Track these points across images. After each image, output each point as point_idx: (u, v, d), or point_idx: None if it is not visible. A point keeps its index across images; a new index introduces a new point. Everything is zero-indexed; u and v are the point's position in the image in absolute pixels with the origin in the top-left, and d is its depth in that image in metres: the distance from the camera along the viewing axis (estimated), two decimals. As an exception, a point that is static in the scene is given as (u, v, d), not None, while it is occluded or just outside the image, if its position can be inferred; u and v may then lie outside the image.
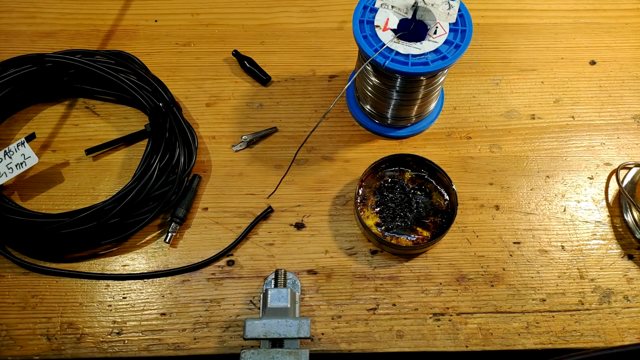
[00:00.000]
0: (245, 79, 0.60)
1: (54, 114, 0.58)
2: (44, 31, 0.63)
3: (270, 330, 0.41)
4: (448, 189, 0.51)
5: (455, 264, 0.50)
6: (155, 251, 0.51)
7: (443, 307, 0.48)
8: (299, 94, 0.59)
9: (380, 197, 0.51)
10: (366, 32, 0.46)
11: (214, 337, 0.46)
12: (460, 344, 0.46)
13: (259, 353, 0.41)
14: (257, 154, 0.56)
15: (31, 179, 0.54)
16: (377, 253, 0.50)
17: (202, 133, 0.57)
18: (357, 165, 0.55)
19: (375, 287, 0.49)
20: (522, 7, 0.66)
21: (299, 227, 0.52)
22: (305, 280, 0.49)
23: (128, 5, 0.65)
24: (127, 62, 0.57)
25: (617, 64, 0.62)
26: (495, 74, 0.61)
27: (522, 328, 0.47)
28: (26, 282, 0.49)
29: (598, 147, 0.56)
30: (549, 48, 0.63)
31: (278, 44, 0.63)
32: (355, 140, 0.56)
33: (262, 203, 0.53)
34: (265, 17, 0.65)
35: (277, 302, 0.43)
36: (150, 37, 0.63)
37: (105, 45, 0.62)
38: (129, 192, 0.49)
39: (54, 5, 0.65)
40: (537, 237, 0.51)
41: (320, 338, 0.46)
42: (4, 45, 0.62)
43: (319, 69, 0.61)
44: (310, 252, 0.50)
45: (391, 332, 0.47)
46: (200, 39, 0.63)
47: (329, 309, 0.48)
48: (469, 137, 0.57)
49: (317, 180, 0.54)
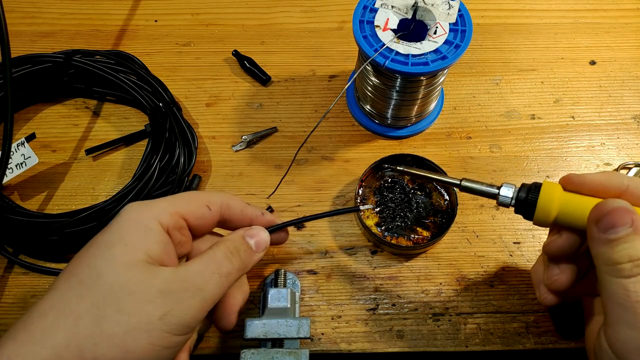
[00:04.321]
0: (245, 79, 0.60)
1: (54, 114, 0.58)
2: (44, 31, 0.63)
3: (270, 331, 0.41)
4: (448, 189, 0.51)
5: (455, 264, 0.50)
6: (155, 251, 0.50)
7: (443, 307, 0.48)
8: (299, 94, 0.59)
9: (380, 197, 0.51)
10: (366, 32, 0.46)
11: (213, 337, 0.46)
12: (460, 344, 0.46)
13: (259, 353, 0.41)
14: (257, 154, 0.56)
15: (31, 179, 0.54)
16: (377, 253, 0.50)
17: (202, 133, 0.57)
18: (357, 165, 0.55)
19: (375, 287, 0.49)
20: (522, 7, 0.66)
21: (299, 227, 0.52)
22: (305, 280, 0.49)
23: (128, 5, 0.65)
24: (127, 62, 0.57)
25: (617, 64, 0.62)
26: (495, 74, 0.61)
27: (522, 328, 0.47)
28: (26, 282, 0.49)
29: (598, 147, 0.56)
30: (549, 48, 0.63)
31: (278, 44, 0.63)
32: (355, 140, 0.56)
33: (262, 203, 0.53)
34: (265, 17, 0.65)
35: (277, 302, 0.43)
36: (150, 37, 0.63)
37: (105, 45, 0.62)
38: (129, 192, 0.49)
39: (54, 5, 0.65)
40: (537, 237, 0.51)
41: (320, 338, 0.46)
42: (4, 45, 0.62)
43: (319, 69, 0.61)
44: (310, 252, 0.50)
45: (391, 332, 0.46)
46: (200, 39, 0.63)
47: (328, 309, 0.48)
48: (469, 137, 0.57)
49: (317, 180, 0.54)
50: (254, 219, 0.39)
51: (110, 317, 0.29)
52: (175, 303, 0.31)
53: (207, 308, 0.33)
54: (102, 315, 0.29)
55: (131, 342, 0.29)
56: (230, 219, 0.38)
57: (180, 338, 0.31)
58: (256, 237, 0.38)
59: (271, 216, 0.40)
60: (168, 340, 0.31)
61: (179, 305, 0.31)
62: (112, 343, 0.29)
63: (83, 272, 0.31)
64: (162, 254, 0.33)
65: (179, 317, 0.31)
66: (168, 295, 0.31)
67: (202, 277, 0.33)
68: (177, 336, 0.31)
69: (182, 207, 0.35)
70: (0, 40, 0.42)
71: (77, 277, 0.31)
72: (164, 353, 0.31)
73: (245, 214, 0.39)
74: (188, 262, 0.34)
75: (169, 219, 0.34)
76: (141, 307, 0.30)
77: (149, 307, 0.30)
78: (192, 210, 0.36)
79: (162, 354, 0.31)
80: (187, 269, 0.33)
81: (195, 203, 0.36)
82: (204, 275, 0.33)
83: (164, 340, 0.30)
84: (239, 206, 0.38)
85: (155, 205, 0.34)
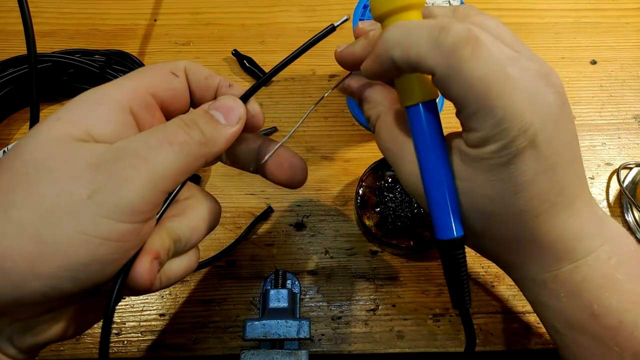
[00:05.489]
0: (245, 78, 0.60)
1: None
2: (43, 31, 0.63)
3: (270, 331, 0.41)
4: (448, 189, 0.50)
5: (456, 264, 0.49)
6: (155, 251, 0.50)
7: (443, 308, 0.48)
8: (299, 93, 0.59)
9: (380, 197, 0.51)
10: (366, 31, 0.46)
11: (213, 337, 0.46)
12: (460, 345, 0.46)
13: (258, 354, 0.40)
14: (257, 154, 0.55)
15: (30, 179, 0.54)
16: (377, 253, 0.50)
17: (201, 133, 0.57)
18: (357, 165, 0.55)
19: (375, 287, 0.48)
20: (522, 7, 0.66)
21: (299, 227, 0.51)
22: (305, 280, 0.49)
23: (127, 4, 0.65)
24: (127, 62, 0.57)
25: (618, 63, 0.62)
26: (496, 73, 0.61)
27: (522, 328, 0.47)
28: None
29: (599, 147, 0.56)
30: (549, 48, 0.63)
31: (278, 43, 0.63)
32: (355, 140, 0.56)
33: (262, 203, 0.53)
34: (265, 16, 0.65)
35: (276, 303, 0.43)
36: (150, 37, 0.63)
37: (104, 45, 0.62)
38: (129, 192, 0.49)
39: (53, 4, 0.65)
40: (538, 238, 0.51)
41: (320, 339, 0.46)
42: (4, 45, 0.62)
43: (319, 69, 0.61)
44: (310, 253, 0.50)
45: (391, 333, 0.46)
46: (200, 39, 0.63)
47: (329, 309, 0.47)
48: (469, 137, 0.56)
49: (317, 180, 0.54)
50: (220, 89, 0.31)
51: (20, 201, 0.23)
52: (109, 176, 0.23)
53: (160, 186, 0.25)
54: (11, 201, 0.23)
55: (48, 230, 0.22)
56: (193, 88, 0.31)
57: (127, 226, 0.24)
58: (222, 107, 0.29)
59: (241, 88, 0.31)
60: (107, 228, 0.23)
61: (115, 178, 0.23)
62: (23, 233, 0.22)
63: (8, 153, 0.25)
64: (114, 135, 0.26)
65: (117, 194, 0.23)
66: (99, 167, 0.23)
67: (146, 145, 0.25)
68: (122, 223, 0.23)
69: (146, 79, 0.29)
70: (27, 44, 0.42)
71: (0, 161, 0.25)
72: (105, 248, 0.23)
73: (210, 83, 0.31)
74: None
75: (131, 95, 0.27)
76: (61, 185, 0.23)
77: (71, 185, 0.23)
78: (157, 81, 0.29)
79: (102, 249, 0.23)
80: (128, 139, 0.25)
81: (160, 72, 0.29)
82: (148, 144, 0.25)
83: (100, 227, 0.23)
84: (202, 73, 0.31)
85: (113, 83, 0.28)
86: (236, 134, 0.29)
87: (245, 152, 0.33)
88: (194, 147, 0.26)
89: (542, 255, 0.30)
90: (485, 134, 0.27)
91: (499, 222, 0.29)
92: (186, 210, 0.30)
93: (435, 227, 0.30)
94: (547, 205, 0.28)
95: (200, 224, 0.30)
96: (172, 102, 0.30)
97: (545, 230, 0.29)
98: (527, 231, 0.29)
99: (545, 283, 0.30)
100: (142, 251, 0.26)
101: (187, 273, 0.30)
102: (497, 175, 0.27)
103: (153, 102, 0.29)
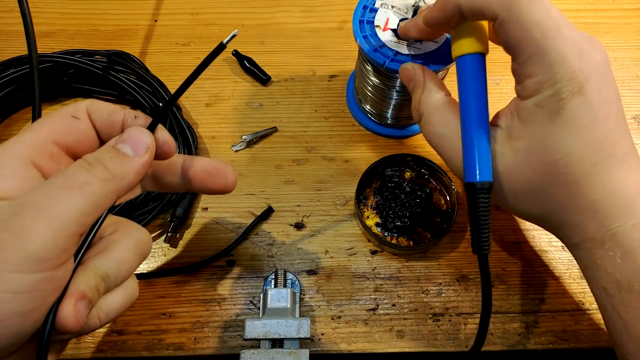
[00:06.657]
0: (245, 78, 0.60)
1: (54, 113, 0.58)
2: (43, 31, 0.63)
3: (270, 331, 0.41)
4: (448, 189, 0.50)
5: (455, 264, 0.50)
6: (155, 251, 0.50)
7: (443, 307, 0.48)
8: (299, 93, 0.59)
9: (380, 197, 0.51)
10: (366, 32, 0.46)
11: (213, 337, 0.46)
12: (460, 344, 0.46)
13: (258, 353, 0.41)
14: (257, 154, 0.56)
15: (31, 179, 0.54)
16: (377, 253, 0.50)
17: (202, 133, 0.57)
18: (357, 165, 0.55)
19: (375, 287, 0.48)
20: (523, 7, 0.66)
21: (299, 227, 0.52)
22: (305, 280, 0.49)
23: (128, 5, 0.65)
24: (127, 62, 0.57)
25: (617, 64, 0.62)
26: (496, 74, 0.61)
27: (522, 328, 0.47)
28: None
29: (598, 147, 0.56)
30: (549, 48, 0.63)
31: (278, 43, 0.63)
32: (355, 140, 0.56)
33: (262, 203, 0.53)
34: (265, 16, 0.65)
35: (277, 302, 0.43)
36: (150, 37, 0.63)
37: (104, 45, 0.62)
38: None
39: (54, 5, 0.65)
40: (537, 237, 0.51)
41: (320, 338, 0.46)
42: (4, 45, 0.62)
43: (319, 69, 0.61)
44: (310, 252, 0.50)
45: (391, 333, 0.46)
46: (200, 39, 0.63)
47: (329, 309, 0.48)
48: (469, 137, 0.56)
49: (317, 180, 0.54)
50: (126, 122, 0.31)
51: None
52: (9, 232, 0.24)
53: (64, 232, 0.25)
54: None
55: None
56: (98, 127, 0.31)
57: (36, 276, 0.24)
58: (129, 139, 0.29)
59: (147, 119, 0.31)
60: (15, 282, 0.23)
61: (15, 233, 0.24)
62: None
63: None
64: (19, 190, 0.26)
65: (19, 247, 0.23)
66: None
67: (45, 195, 0.25)
68: (30, 274, 0.24)
69: (45, 128, 0.29)
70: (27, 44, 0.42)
71: None
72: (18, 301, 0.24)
73: (114, 119, 0.31)
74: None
75: (30, 148, 0.28)
76: None
77: None
78: (57, 128, 0.29)
79: (16, 302, 0.23)
80: (29, 192, 0.26)
81: (59, 118, 0.30)
82: (47, 193, 0.25)
83: (8, 282, 0.23)
84: (105, 110, 0.31)
85: (12, 140, 0.28)
86: (146, 164, 0.29)
87: (169, 174, 0.35)
88: (96, 186, 0.26)
89: (600, 211, 0.31)
90: (540, 78, 0.30)
91: (559, 175, 0.31)
92: (111, 246, 0.30)
93: (465, 170, 0.34)
94: (603, 154, 0.30)
95: (127, 256, 0.30)
96: (77, 145, 0.30)
97: (603, 181, 0.30)
98: (587, 182, 0.30)
99: (603, 242, 0.31)
100: (65, 295, 0.26)
101: (127, 305, 0.31)
102: (556, 121, 0.30)
103: (56, 150, 0.29)
